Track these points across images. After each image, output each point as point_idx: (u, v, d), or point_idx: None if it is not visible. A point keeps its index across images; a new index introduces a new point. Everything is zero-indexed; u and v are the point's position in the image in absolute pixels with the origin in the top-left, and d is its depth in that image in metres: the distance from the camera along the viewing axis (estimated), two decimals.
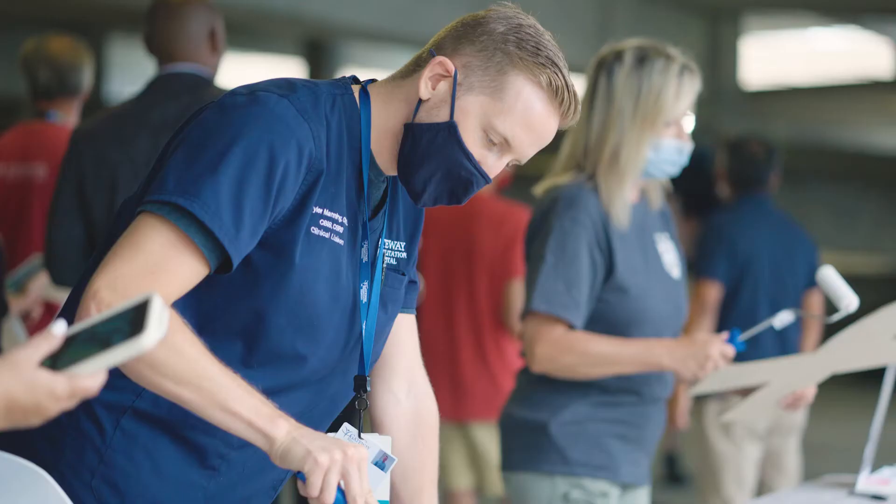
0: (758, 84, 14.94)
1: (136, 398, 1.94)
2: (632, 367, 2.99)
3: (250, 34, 12.27)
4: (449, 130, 1.96)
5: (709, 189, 6.30)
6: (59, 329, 1.52)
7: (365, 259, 2.03)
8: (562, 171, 3.11)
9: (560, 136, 3.15)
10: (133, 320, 1.51)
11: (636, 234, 3.11)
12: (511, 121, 1.96)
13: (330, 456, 1.79)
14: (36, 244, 4.22)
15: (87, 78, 4.41)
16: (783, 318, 3.01)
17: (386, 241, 2.10)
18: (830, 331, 3.28)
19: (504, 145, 1.99)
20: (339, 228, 1.97)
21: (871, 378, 3.46)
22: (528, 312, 3.03)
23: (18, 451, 1.84)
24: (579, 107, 2.01)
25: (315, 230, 1.94)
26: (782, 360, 3.08)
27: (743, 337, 2.97)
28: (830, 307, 3.09)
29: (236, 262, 1.87)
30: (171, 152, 1.91)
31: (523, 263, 5.10)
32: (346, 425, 2.11)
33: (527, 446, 3.10)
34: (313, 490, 1.79)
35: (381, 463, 2.12)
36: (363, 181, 2.00)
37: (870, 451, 3.11)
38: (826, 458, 7.55)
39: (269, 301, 1.93)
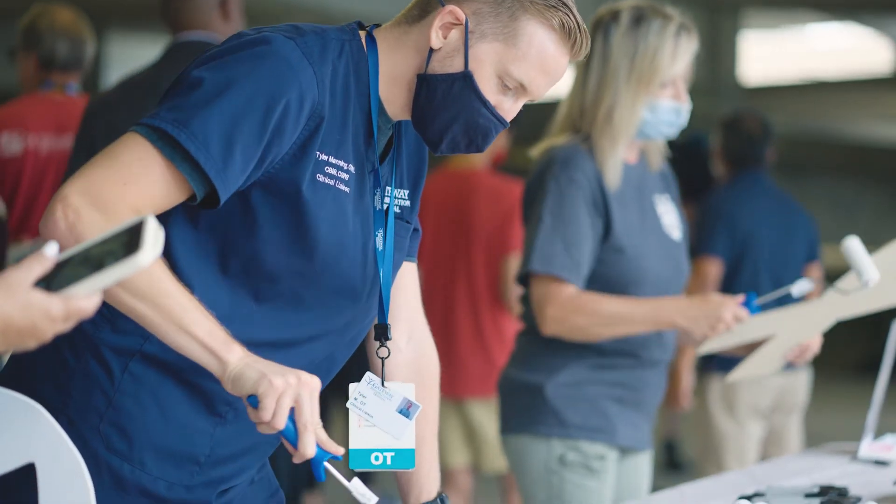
0: (756, 80, 14.94)
1: (145, 342, 1.93)
2: (644, 326, 2.98)
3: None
4: (465, 80, 1.97)
5: (706, 173, 6.31)
6: (52, 251, 1.50)
7: (379, 207, 2.03)
8: (558, 133, 3.11)
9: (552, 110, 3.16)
10: (127, 242, 1.51)
11: (634, 195, 3.10)
12: (526, 66, 1.97)
13: (285, 380, 1.77)
14: None
15: (91, 50, 4.43)
16: (802, 287, 2.98)
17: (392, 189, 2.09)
18: None
19: (519, 89, 2.00)
20: (345, 176, 1.96)
21: (871, 368, 3.45)
22: (526, 273, 3.01)
23: (25, 395, 1.81)
24: (589, 41, 2.01)
25: (321, 177, 1.93)
26: (787, 310, 3.06)
27: (759, 301, 2.95)
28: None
29: (224, 195, 1.86)
30: (174, 85, 1.91)
31: (520, 238, 5.11)
32: (368, 374, 2.11)
33: (524, 409, 3.09)
34: (266, 413, 1.76)
35: (406, 410, 2.12)
36: (372, 128, 2.00)
37: (872, 417, 3.10)
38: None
39: (274, 246, 1.92)
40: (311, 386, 1.78)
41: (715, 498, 2.59)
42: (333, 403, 6.09)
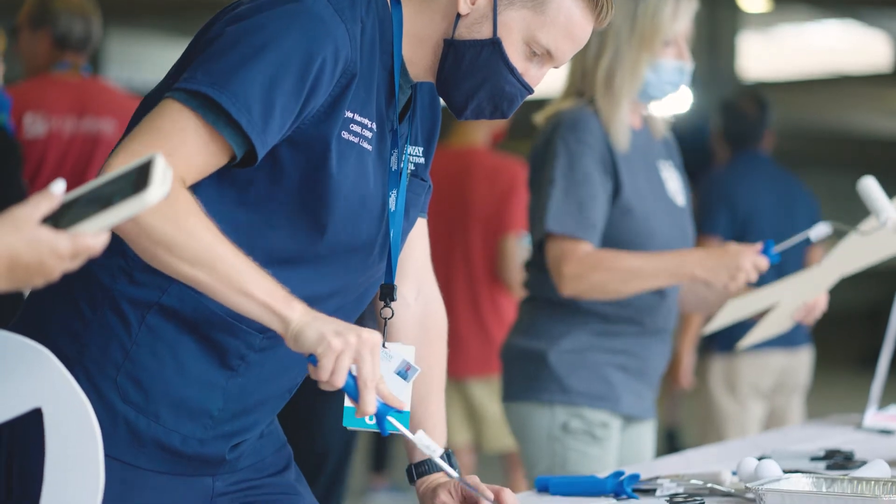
0: (756, 77, 14.96)
1: (163, 294, 1.94)
2: (662, 279, 2.95)
3: None
4: (493, 47, 1.98)
5: (707, 162, 6.31)
6: (59, 188, 1.50)
7: (395, 167, 2.04)
8: (563, 99, 3.11)
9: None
10: (136, 180, 1.51)
11: (640, 160, 3.11)
12: (554, 33, 1.98)
13: (343, 339, 1.78)
14: None
15: (99, 28, 4.42)
16: (819, 231, 2.92)
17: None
18: None
19: (545, 56, 2.01)
20: (368, 134, 1.97)
21: (871, 362, 3.44)
22: (544, 235, 2.99)
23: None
24: (613, 8, 2.03)
25: (346, 135, 1.94)
26: (789, 278, 3.07)
27: (777, 248, 2.90)
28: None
29: (261, 155, 1.87)
30: (204, 45, 1.90)
31: (518, 217, 5.12)
32: None
33: (526, 376, 3.10)
34: (324, 373, 1.79)
35: (404, 372, 2.12)
36: (394, 87, 2.00)
37: (877, 387, 3.10)
38: None
39: (297, 203, 1.92)
40: (370, 343, 1.80)
41: (719, 463, 2.58)
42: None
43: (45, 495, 1.70)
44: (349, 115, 1.93)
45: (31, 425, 1.73)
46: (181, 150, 1.81)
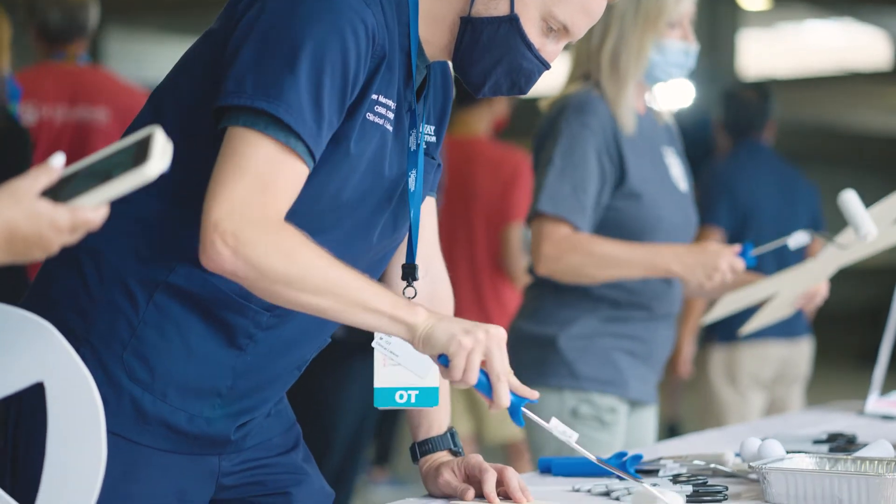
0: (756, 74, 14.96)
1: (170, 273, 1.94)
2: (639, 270, 2.97)
3: None
4: (511, 23, 1.99)
5: (709, 158, 6.31)
6: (58, 161, 1.50)
7: (413, 147, 2.05)
8: (568, 83, 3.11)
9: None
10: (135, 154, 1.51)
11: (645, 144, 3.10)
12: (570, 8, 2.00)
13: (473, 337, 1.83)
14: None
15: (94, 15, 4.39)
16: (798, 239, 2.97)
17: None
18: None
19: (562, 31, 2.02)
20: (391, 115, 1.98)
21: (870, 359, 3.44)
22: (534, 214, 3.01)
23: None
24: None
25: (370, 116, 1.95)
26: (788, 271, 3.07)
27: (755, 252, 2.94)
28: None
29: (317, 158, 1.87)
30: (237, 45, 1.88)
31: (521, 207, 5.11)
32: None
33: (535, 361, 3.09)
34: (457, 372, 1.83)
35: None
36: (411, 68, 2.01)
37: (879, 373, 3.10)
38: None
39: (318, 188, 1.92)
40: (498, 338, 1.85)
41: (722, 447, 2.58)
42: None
43: (46, 469, 1.70)
44: (375, 97, 1.94)
45: (35, 398, 1.74)
46: (273, 181, 1.82)
